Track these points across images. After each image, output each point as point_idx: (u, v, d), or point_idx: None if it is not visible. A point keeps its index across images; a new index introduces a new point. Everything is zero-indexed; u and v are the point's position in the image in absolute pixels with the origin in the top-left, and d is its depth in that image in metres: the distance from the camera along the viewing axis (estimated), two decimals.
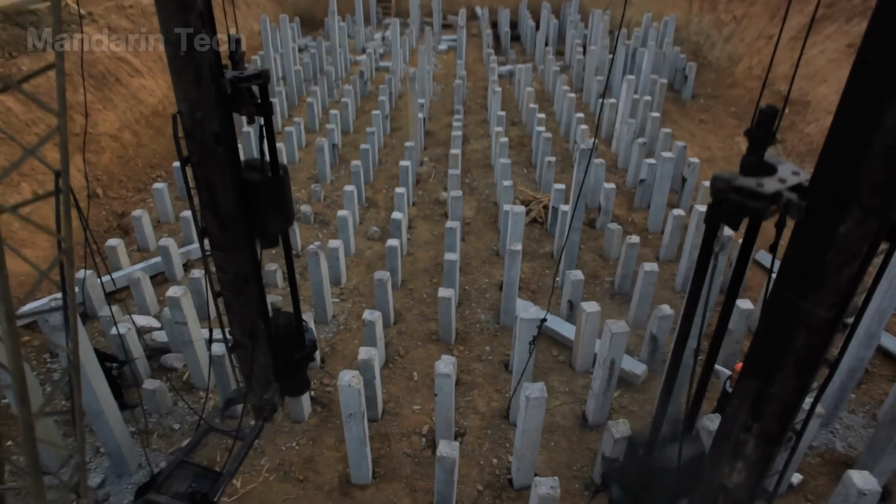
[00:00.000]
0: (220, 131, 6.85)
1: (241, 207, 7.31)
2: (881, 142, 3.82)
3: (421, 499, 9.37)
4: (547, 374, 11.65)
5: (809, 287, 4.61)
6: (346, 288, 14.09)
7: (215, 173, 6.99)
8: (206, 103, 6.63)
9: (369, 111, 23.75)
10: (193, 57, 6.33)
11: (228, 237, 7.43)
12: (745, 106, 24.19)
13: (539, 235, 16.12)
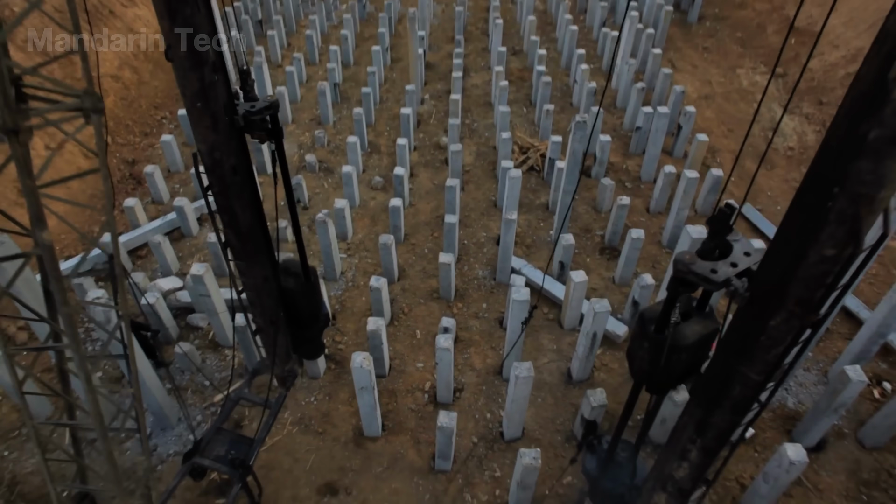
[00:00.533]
0: (237, 163, 7.51)
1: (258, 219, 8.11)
2: (806, 270, 4.66)
3: (424, 450, 10.86)
4: (538, 331, 12.84)
5: (745, 356, 5.60)
6: (352, 243, 14.98)
7: (234, 199, 7.75)
8: (223, 144, 7.26)
9: (369, 38, 23.40)
10: (210, 107, 6.90)
11: (249, 249, 8.32)
12: (751, 31, 23.72)
13: (535, 185, 16.73)
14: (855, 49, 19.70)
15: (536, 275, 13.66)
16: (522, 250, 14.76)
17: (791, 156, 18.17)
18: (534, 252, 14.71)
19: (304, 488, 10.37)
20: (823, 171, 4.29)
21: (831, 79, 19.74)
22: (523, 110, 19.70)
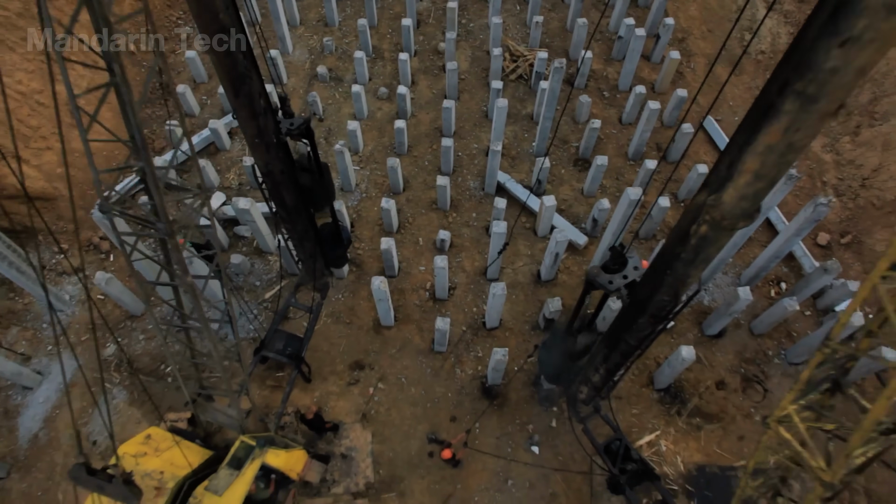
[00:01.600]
0: (283, 168, 10.20)
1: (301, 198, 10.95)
2: (655, 300, 7.82)
3: (426, 336, 14.67)
4: (516, 238, 15.99)
5: (625, 331, 8.91)
6: (363, 155, 17.51)
7: (282, 188, 10.56)
8: (273, 159, 9.96)
9: None
10: (263, 139, 9.49)
11: (293, 217, 11.27)
12: None
13: (523, 94, 18.70)
14: None
15: (518, 188, 16.45)
16: (508, 162, 17.34)
17: (760, 59, 19.72)
18: (517, 164, 17.31)
19: (339, 365, 14.36)
20: (669, 245, 7.23)
21: None
22: (517, 8, 20.72)
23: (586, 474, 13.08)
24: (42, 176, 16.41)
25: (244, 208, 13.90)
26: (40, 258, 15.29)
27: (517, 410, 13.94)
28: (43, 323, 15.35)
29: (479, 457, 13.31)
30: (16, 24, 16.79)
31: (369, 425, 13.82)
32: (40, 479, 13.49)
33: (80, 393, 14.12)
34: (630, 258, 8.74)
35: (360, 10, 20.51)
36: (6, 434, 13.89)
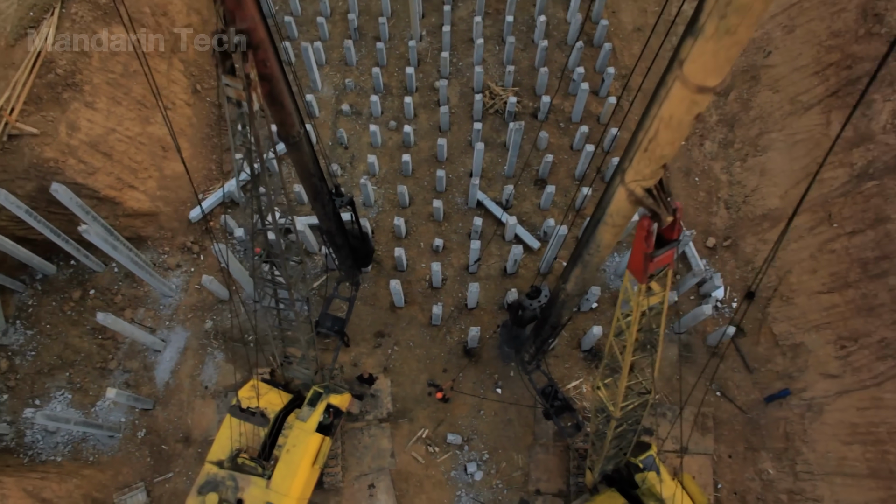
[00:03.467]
0: (336, 225, 16.51)
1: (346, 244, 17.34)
2: (550, 319, 14.60)
3: (426, 314, 21.30)
4: (490, 240, 22.33)
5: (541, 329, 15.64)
6: (379, 177, 23.59)
7: (334, 235, 16.86)
8: (332, 223, 16.18)
9: None
10: (326, 214, 15.75)
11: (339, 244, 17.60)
12: None
13: (498, 125, 24.53)
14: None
15: (492, 204, 22.65)
16: (486, 182, 23.44)
17: None
18: (493, 184, 23.43)
19: (367, 334, 21.09)
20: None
21: None
22: (496, 48, 26.13)
23: (531, 407, 20.06)
24: (147, 198, 22.60)
25: (301, 230, 20.21)
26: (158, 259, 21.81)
27: (487, 365, 20.79)
28: (160, 304, 21.99)
29: (462, 396, 20.26)
30: (119, 82, 22.49)
31: (388, 375, 20.71)
32: (174, 409, 20.52)
33: (192, 355, 20.99)
34: (542, 289, 15.24)
35: (372, 50, 25.93)
36: (148, 381, 20.83)
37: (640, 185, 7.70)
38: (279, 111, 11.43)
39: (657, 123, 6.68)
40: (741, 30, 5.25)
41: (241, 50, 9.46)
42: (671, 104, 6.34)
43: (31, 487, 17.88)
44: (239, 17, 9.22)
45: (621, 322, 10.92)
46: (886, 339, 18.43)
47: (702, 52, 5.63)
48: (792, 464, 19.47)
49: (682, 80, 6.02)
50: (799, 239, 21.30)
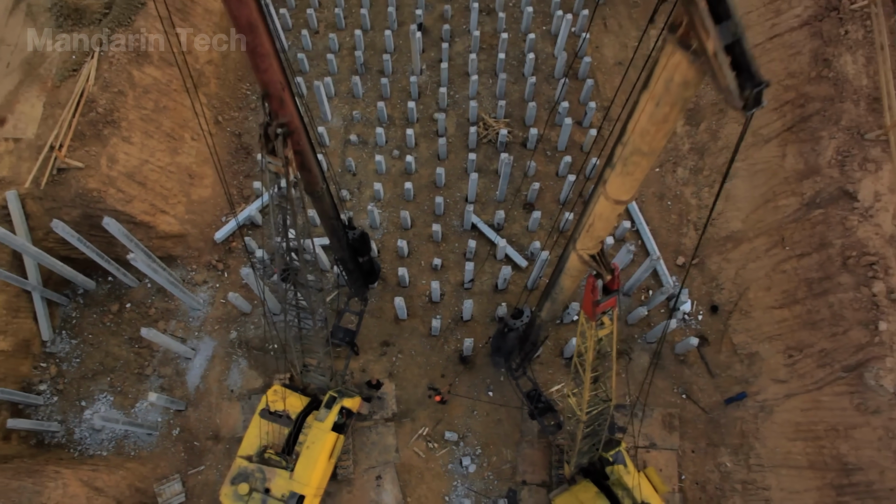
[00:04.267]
0: (350, 255, 19.24)
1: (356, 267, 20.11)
2: (531, 337, 17.39)
3: (426, 325, 24.03)
4: (481, 260, 25.04)
5: (524, 343, 18.45)
6: (384, 201, 26.26)
7: (347, 261, 19.60)
8: (345, 253, 18.91)
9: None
10: (342, 246, 18.50)
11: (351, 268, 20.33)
12: None
13: (491, 154, 27.17)
14: None
15: (485, 227, 25.33)
16: (480, 206, 26.11)
17: None
18: (486, 208, 26.11)
19: (373, 343, 23.85)
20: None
21: None
22: (489, 81, 28.74)
23: (518, 408, 22.83)
24: (177, 221, 25.27)
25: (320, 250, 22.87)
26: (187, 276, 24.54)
27: (480, 371, 23.56)
28: (189, 317, 24.72)
29: (458, 398, 23.04)
30: (151, 117, 25.13)
31: (393, 380, 23.48)
32: (203, 411, 23.29)
33: (219, 362, 23.76)
34: (524, 310, 17.99)
35: (377, 84, 28.52)
36: (180, 385, 23.59)
37: (586, 253, 10.39)
38: (307, 175, 14.13)
39: (593, 217, 9.37)
40: (637, 173, 7.92)
41: (281, 138, 12.06)
42: (600, 207, 9.03)
43: (85, 478, 20.68)
44: (280, 114, 11.87)
45: (581, 347, 13.65)
46: (825, 350, 21.20)
47: (614, 181, 8.32)
48: (746, 458, 22.26)
49: (605, 195, 8.71)
50: (757, 259, 24.02)
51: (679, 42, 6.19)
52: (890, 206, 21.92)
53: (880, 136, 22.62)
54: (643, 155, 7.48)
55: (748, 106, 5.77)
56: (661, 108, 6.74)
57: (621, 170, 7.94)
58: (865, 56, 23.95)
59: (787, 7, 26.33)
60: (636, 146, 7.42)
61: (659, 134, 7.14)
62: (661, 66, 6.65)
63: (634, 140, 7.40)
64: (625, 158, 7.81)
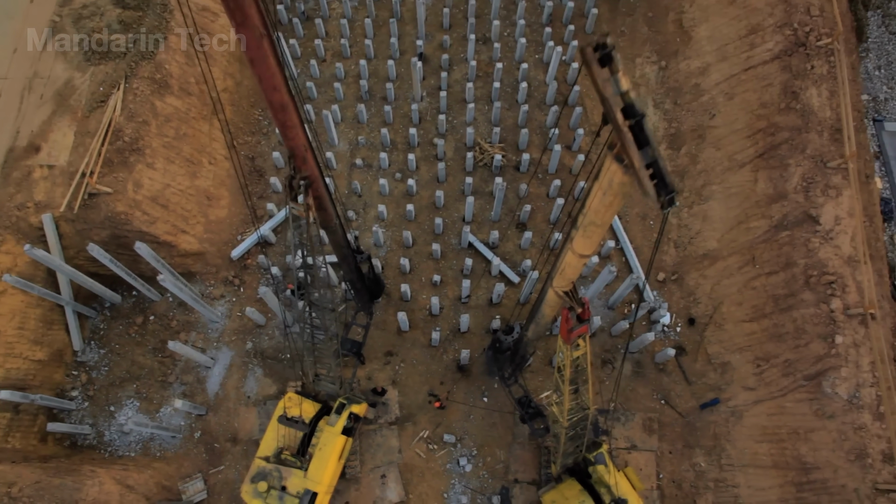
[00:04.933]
0: (358, 275, 21.40)
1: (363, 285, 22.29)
2: (520, 352, 19.58)
3: (427, 336, 26.19)
4: (477, 276, 27.18)
5: (514, 356, 20.71)
6: (387, 220, 28.38)
7: (355, 282, 21.77)
8: (355, 276, 21.09)
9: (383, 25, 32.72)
10: (352, 271, 20.66)
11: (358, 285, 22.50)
12: (659, 13, 32.66)
13: (486, 177, 29.29)
14: (705, 63, 29.93)
15: (481, 245, 27.46)
16: (476, 226, 28.24)
17: None
18: (482, 227, 28.25)
19: (378, 353, 26.00)
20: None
21: (686, 83, 30.36)
22: (485, 108, 30.84)
23: (511, 413, 24.98)
24: (196, 240, 27.39)
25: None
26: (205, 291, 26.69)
27: (476, 379, 25.71)
28: (208, 328, 26.85)
29: (455, 403, 25.21)
30: (172, 144, 27.24)
31: (396, 387, 25.64)
32: (223, 415, 25.44)
33: (236, 370, 25.91)
34: (514, 327, 20.14)
35: (380, 110, 30.59)
36: (201, 391, 25.73)
37: (560, 290, 12.53)
38: (323, 214, 16.27)
39: (563, 265, 11.51)
40: (594, 237, 10.06)
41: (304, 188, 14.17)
42: (568, 258, 11.16)
43: (117, 476, 22.84)
44: (303, 169, 14.00)
45: (560, 364, 15.79)
46: (789, 360, 23.35)
47: (578, 240, 10.46)
48: (718, 458, 24.42)
49: (571, 249, 10.85)
50: (730, 276, 26.16)
51: (615, 157, 8.28)
52: (849, 229, 24.07)
53: (841, 164, 24.76)
54: (597, 226, 9.59)
55: (664, 206, 7.89)
56: (607, 196, 8.83)
57: (582, 234, 10.07)
58: (829, 90, 26.08)
59: (760, 41, 28.43)
60: (592, 219, 9.53)
61: (608, 213, 9.25)
62: (604, 169, 8.74)
63: (590, 215, 9.51)
64: (584, 226, 9.93)
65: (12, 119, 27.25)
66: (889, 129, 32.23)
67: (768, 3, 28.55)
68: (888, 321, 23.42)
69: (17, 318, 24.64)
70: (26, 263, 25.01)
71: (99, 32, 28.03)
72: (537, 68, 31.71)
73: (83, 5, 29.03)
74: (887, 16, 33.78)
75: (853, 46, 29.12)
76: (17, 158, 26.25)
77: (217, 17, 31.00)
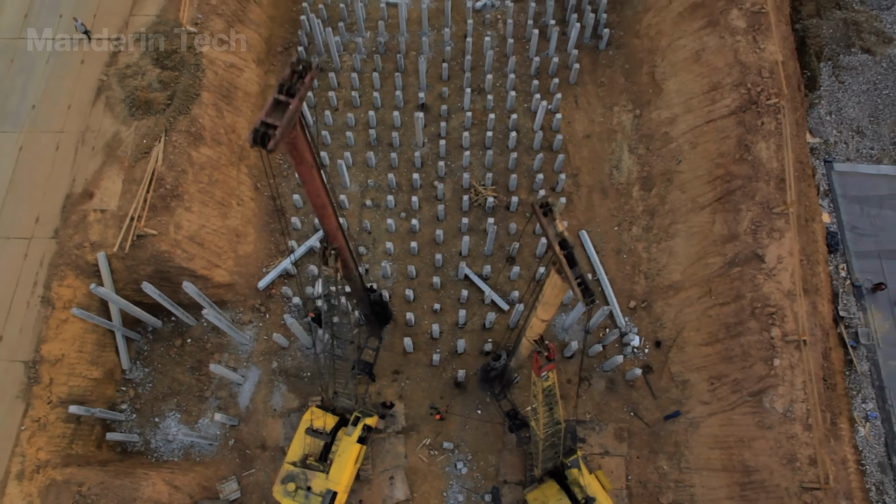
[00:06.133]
0: (371, 311, 25.56)
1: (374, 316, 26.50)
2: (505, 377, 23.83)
3: (428, 356, 30.29)
4: (472, 305, 31.28)
5: (501, 379, 24.89)
6: (394, 255, 32.48)
7: (368, 315, 25.90)
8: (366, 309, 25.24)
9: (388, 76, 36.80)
10: (364, 304, 24.80)
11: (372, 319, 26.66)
12: (635, 65, 36.81)
13: (481, 216, 33.40)
14: (673, 114, 34.03)
15: (475, 277, 31.57)
16: (471, 259, 32.35)
17: (620, 188, 34.21)
18: (477, 261, 32.36)
19: (386, 371, 30.15)
20: None
21: (657, 131, 34.46)
22: (480, 153, 34.94)
23: (501, 423, 29.09)
24: (227, 273, 31.48)
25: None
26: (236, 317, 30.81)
27: (471, 394, 29.83)
28: (239, 350, 30.94)
29: (453, 416, 29.32)
30: (207, 189, 31.32)
31: (402, 401, 29.75)
32: (253, 426, 29.55)
33: (264, 386, 30.03)
34: (501, 355, 24.28)
35: (387, 155, 34.70)
36: (234, 405, 29.85)
37: (531, 339, 16.63)
38: (347, 270, 20.37)
39: (532, 323, 15.61)
40: (549, 310, 14.16)
41: (334, 256, 18.27)
42: (533, 321, 15.26)
43: (166, 478, 26.95)
44: (333, 242, 18.09)
45: (534, 391, 19.90)
46: (737, 379, 27.46)
47: (539, 310, 14.57)
48: (678, 462, 28.53)
49: (536, 315, 14.95)
50: (691, 305, 30.28)
51: (557, 271, 12.39)
52: (789, 267, 28.19)
53: (784, 210, 28.87)
54: (551, 304, 13.67)
55: (587, 304, 11.97)
56: (554, 290, 12.91)
57: (541, 308, 14.16)
58: (776, 144, 30.21)
59: (720, 97, 32.54)
60: (546, 300, 13.60)
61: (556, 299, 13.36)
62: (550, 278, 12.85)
63: (545, 299, 13.60)
64: (542, 304, 14.03)
65: (69, 168, 31.38)
66: (838, 170, 36.31)
67: (727, 63, 32.67)
68: (819, 346, 27.56)
69: (77, 342, 28.76)
70: (84, 295, 29.10)
71: (141, 90, 32.18)
72: (525, 117, 35.83)
73: (127, 65, 33.17)
74: (837, 67, 37.84)
75: (800, 103, 33.23)
76: (73, 203, 30.37)
77: (242, 72, 35.16)
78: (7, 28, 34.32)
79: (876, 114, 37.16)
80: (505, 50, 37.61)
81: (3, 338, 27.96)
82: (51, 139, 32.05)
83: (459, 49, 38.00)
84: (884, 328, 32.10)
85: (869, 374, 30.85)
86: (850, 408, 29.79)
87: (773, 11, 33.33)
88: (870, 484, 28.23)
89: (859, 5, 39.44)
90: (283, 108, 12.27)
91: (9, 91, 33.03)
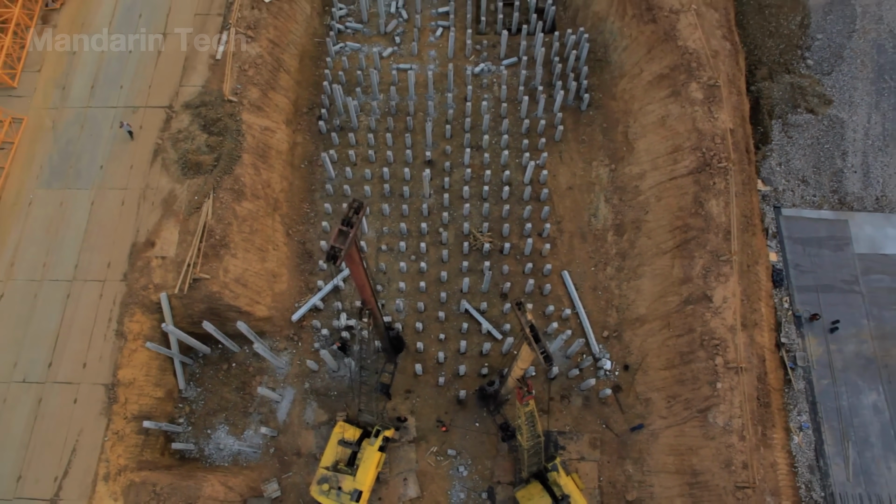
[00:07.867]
0: (391, 346, 31.69)
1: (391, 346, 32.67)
2: (498, 398, 30.03)
3: (435, 379, 36.35)
4: (471, 335, 37.35)
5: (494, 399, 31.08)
6: (406, 292, 38.54)
7: (387, 347, 32.01)
8: (386, 343, 31.36)
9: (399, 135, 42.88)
10: (384, 338, 30.92)
11: (389, 349, 32.78)
12: (611, 124, 42.89)
13: (478, 258, 39.48)
14: (643, 169, 40.05)
15: (474, 311, 37.62)
16: (470, 296, 38.40)
17: (597, 234, 40.27)
18: (475, 296, 38.42)
19: (400, 391, 36.22)
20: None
21: (629, 184, 40.50)
22: (477, 202, 41.00)
23: (495, 434, 35.14)
24: (266, 308, 37.49)
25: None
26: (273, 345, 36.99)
27: (471, 410, 35.89)
28: (276, 373, 36.96)
29: (456, 428, 35.40)
30: (248, 238, 37.33)
31: (413, 415, 35.81)
32: (289, 436, 35.60)
33: (298, 403, 36.10)
34: (495, 381, 30.38)
35: (399, 205, 40.76)
36: (273, 419, 35.89)
37: (516, 377, 22.67)
38: (374, 319, 26.40)
39: (514, 370, 21.64)
40: (525, 364, 20.20)
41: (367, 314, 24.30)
42: (514, 371, 21.28)
43: (221, 480, 32.99)
44: (366, 305, 24.13)
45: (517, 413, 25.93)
46: (688, 399, 33.54)
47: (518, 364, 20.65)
48: (641, 466, 34.58)
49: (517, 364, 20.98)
50: (653, 335, 36.34)
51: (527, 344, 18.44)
52: (732, 306, 34.26)
53: (729, 258, 34.94)
54: (525, 362, 19.67)
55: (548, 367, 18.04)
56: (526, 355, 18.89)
57: (519, 362, 20.17)
58: (724, 201, 36.30)
59: (681, 158, 38.61)
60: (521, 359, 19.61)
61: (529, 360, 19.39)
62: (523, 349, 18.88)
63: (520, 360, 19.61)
64: (520, 359, 20.05)
65: (133, 221, 37.44)
66: (785, 214, 42.41)
67: (687, 129, 38.75)
68: (754, 371, 33.63)
69: (144, 368, 34.81)
70: (149, 328, 35.15)
71: (192, 153, 38.22)
72: (517, 171, 41.91)
73: (178, 131, 39.24)
74: (786, 124, 43.95)
75: (747, 163, 39.25)
76: (138, 251, 36.44)
77: (275, 133, 41.23)
78: (77, 99, 40.37)
79: (818, 165, 43.32)
80: (500, 111, 43.75)
81: (88, 365, 34.02)
82: (117, 195, 38.09)
83: (460, 110, 44.12)
84: (818, 352, 38.27)
85: (804, 391, 37.04)
86: (787, 420, 35.96)
87: (725, 85, 39.44)
88: (800, 483, 34.39)
89: (805, 70, 45.61)
90: (345, 236, 18.26)
91: (80, 153, 39.09)
